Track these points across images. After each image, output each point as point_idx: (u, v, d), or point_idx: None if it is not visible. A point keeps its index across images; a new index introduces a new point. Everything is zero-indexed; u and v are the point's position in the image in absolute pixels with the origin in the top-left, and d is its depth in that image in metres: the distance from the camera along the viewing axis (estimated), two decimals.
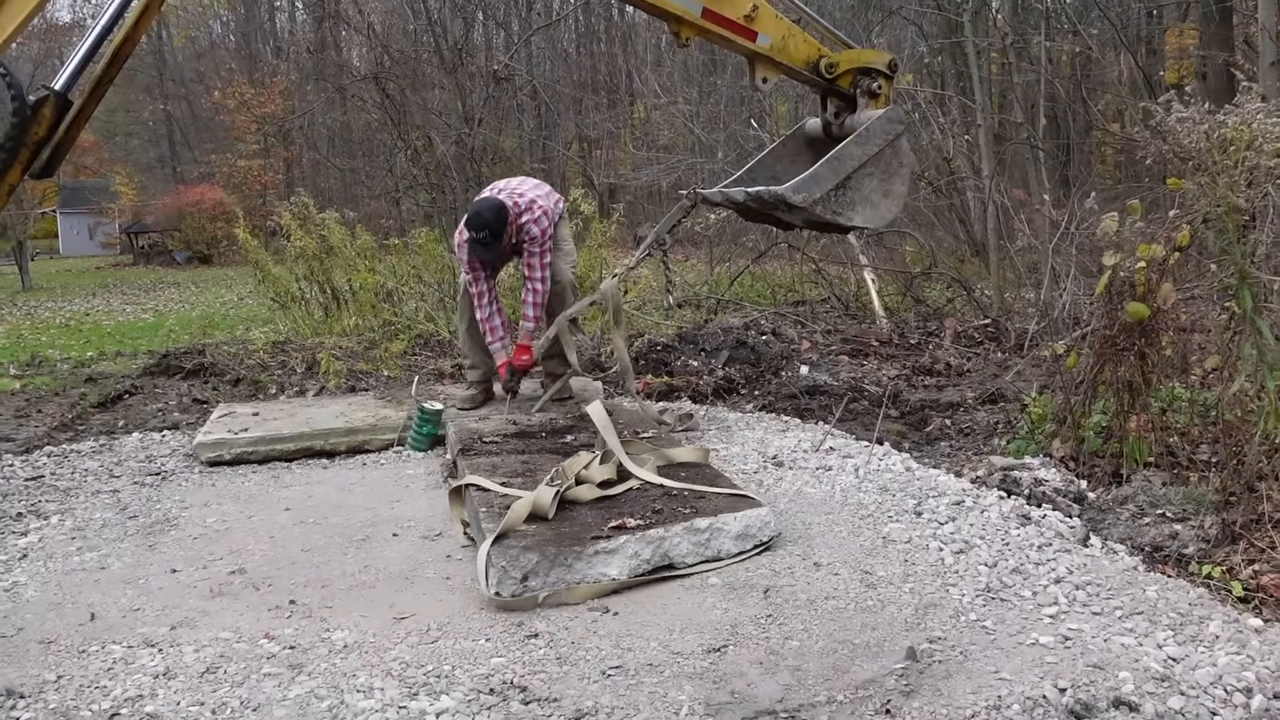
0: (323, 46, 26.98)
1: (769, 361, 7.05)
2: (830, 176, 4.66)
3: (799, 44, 4.98)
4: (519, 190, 5.59)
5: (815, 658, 2.80)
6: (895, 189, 4.86)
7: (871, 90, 5.05)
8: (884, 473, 4.51)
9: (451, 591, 3.42)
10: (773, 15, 4.92)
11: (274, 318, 11.23)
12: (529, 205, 5.49)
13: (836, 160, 4.69)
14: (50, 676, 2.85)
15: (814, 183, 4.63)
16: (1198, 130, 3.70)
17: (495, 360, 5.69)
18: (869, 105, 5.05)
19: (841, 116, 5.16)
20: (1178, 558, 3.45)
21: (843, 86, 5.08)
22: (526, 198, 5.53)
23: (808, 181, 4.63)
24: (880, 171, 4.78)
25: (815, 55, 5.01)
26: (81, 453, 5.60)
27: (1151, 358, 4.29)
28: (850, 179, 4.70)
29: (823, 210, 4.67)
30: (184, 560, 3.80)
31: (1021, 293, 9.28)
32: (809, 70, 5.01)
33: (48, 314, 17.39)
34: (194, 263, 34.87)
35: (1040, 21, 13.28)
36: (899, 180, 4.87)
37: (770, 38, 4.90)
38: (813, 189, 4.62)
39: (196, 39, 46.48)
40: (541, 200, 5.56)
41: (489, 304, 5.62)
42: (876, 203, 4.80)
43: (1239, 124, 3.69)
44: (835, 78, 5.04)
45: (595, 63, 30.90)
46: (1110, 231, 4.27)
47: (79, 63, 4.48)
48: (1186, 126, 3.74)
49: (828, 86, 5.09)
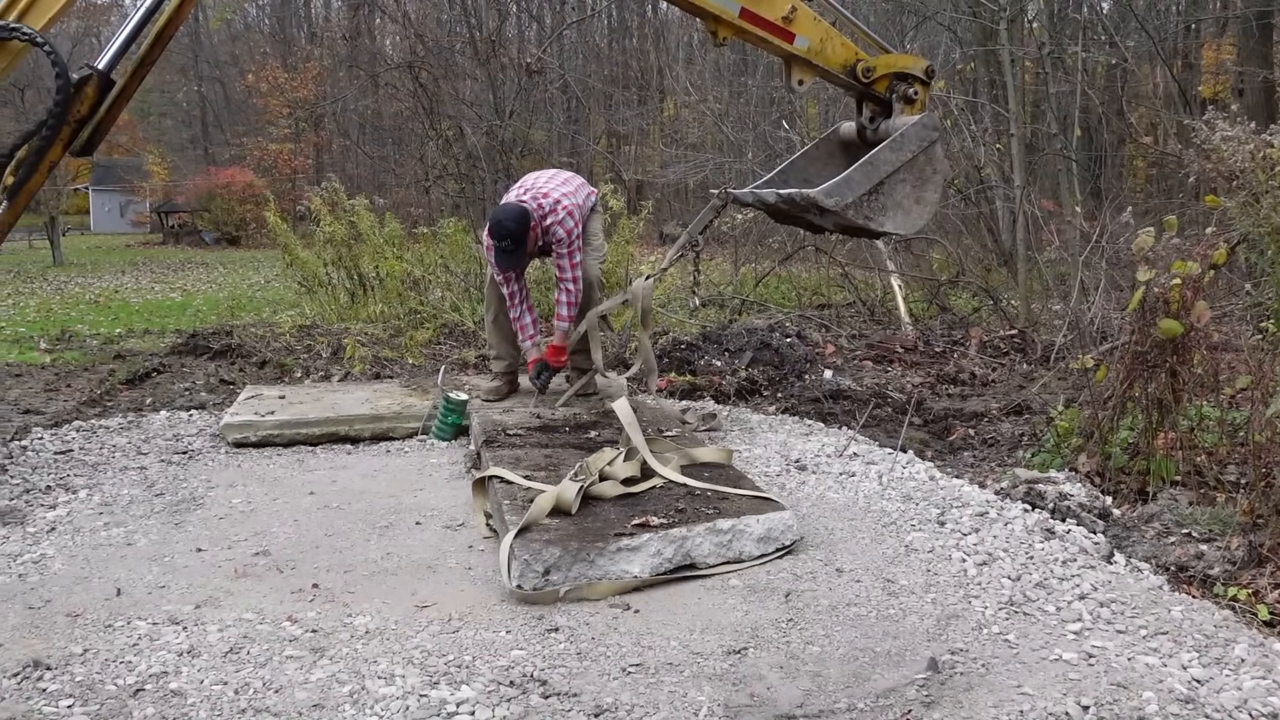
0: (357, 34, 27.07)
1: (792, 364, 7.04)
2: (863, 181, 4.65)
3: (836, 47, 4.97)
4: (544, 190, 5.47)
5: (836, 664, 2.80)
6: (928, 196, 4.84)
7: (907, 96, 5.04)
8: (907, 481, 4.50)
9: (473, 582, 3.43)
10: (811, 17, 4.90)
11: (301, 301, 11.30)
12: (553, 207, 5.38)
13: (870, 165, 4.68)
14: (77, 650, 2.88)
15: (847, 187, 4.62)
16: (1243, 150, 3.67)
17: (526, 357, 5.69)
18: (904, 111, 5.04)
19: (876, 121, 5.14)
20: (1203, 578, 3.43)
21: (879, 91, 5.07)
22: (551, 198, 5.41)
23: (840, 185, 4.62)
24: (914, 178, 4.76)
25: (852, 59, 4.99)
26: (110, 429, 5.65)
27: (1182, 375, 4.26)
28: (883, 184, 4.68)
29: (854, 215, 4.66)
30: (209, 540, 3.84)
31: (1049, 304, 9.23)
32: (845, 74, 5.00)
33: (78, 289, 17.55)
34: (222, 244, 35.13)
35: (1077, 32, 13.22)
36: (932, 187, 4.85)
37: (808, 40, 4.89)
38: (845, 193, 4.61)
39: (232, 22, 46.70)
40: (568, 199, 5.45)
41: (520, 303, 5.60)
42: (909, 209, 4.79)
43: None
44: (871, 82, 5.02)
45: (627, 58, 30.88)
46: (1145, 246, 4.25)
47: (123, 43, 4.52)
48: (1231, 146, 3.71)
49: (864, 90, 5.07)
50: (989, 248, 11.69)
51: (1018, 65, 11.44)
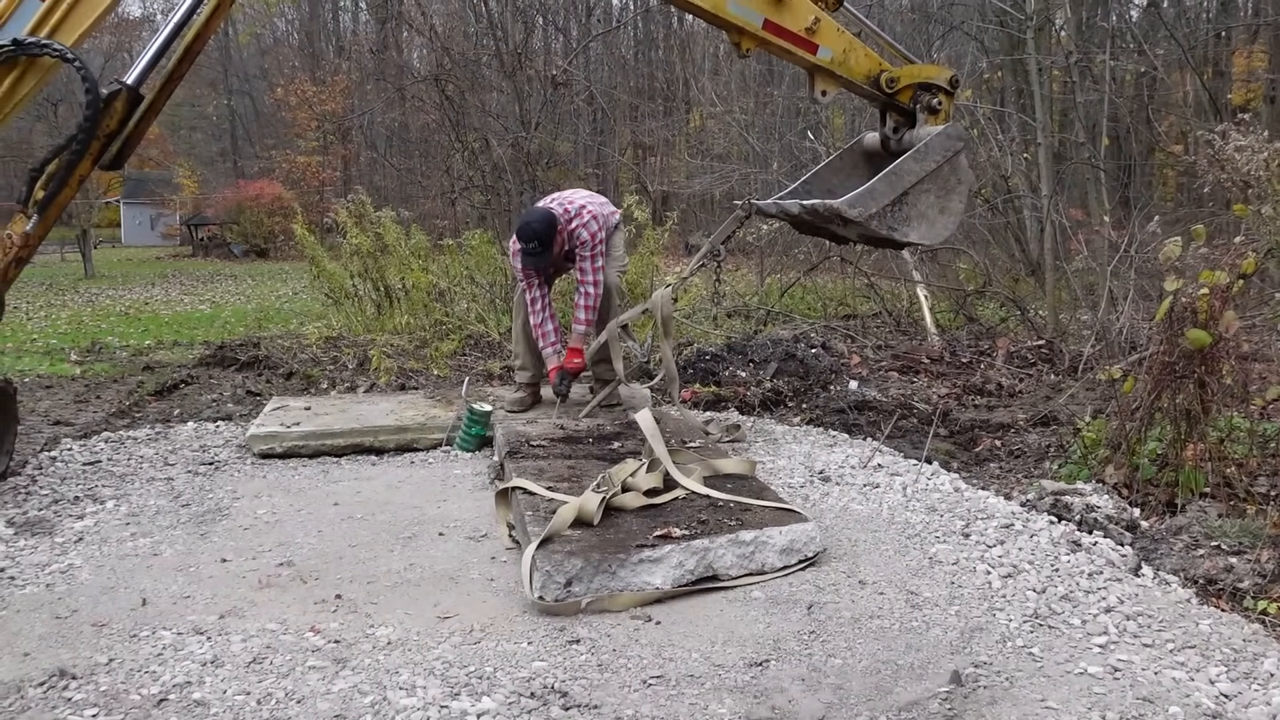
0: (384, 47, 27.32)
1: (818, 375, 7.02)
2: (887, 192, 4.63)
3: (860, 58, 4.95)
4: (570, 199, 5.69)
5: (858, 677, 2.78)
6: (952, 206, 4.81)
7: (931, 106, 5.01)
8: (932, 492, 4.47)
9: (495, 593, 3.43)
10: (834, 28, 4.89)
11: (327, 313, 11.37)
12: (579, 211, 5.56)
13: (894, 175, 4.66)
14: (102, 659, 2.91)
15: (870, 197, 4.60)
16: (1257, 159, 3.63)
17: (547, 364, 5.73)
18: (928, 121, 5.01)
19: (900, 131, 5.12)
20: (1232, 592, 3.38)
21: (902, 101, 5.05)
22: (576, 204, 5.61)
23: (864, 196, 4.60)
24: (938, 188, 4.73)
25: (876, 69, 4.98)
26: (138, 440, 5.71)
27: (1211, 386, 4.21)
28: (907, 195, 4.66)
29: (878, 225, 4.63)
30: (234, 550, 3.87)
31: (1077, 314, 9.15)
32: (869, 84, 4.99)
33: (108, 302, 17.75)
34: (251, 256, 35.48)
35: (1105, 40, 13.11)
36: (956, 197, 4.82)
37: (831, 51, 4.88)
38: (869, 204, 4.59)
39: (261, 36, 47.31)
40: (593, 207, 5.63)
41: (543, 309, 5.67)
42: (933, 219, 4.76)
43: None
44: (895, 92, 5.01)
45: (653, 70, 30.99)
46: (1172, 256, 4.20)
47: (151, 58, 4.58)
48: (1245, 155, 3.68)
49: (887, 101, 5.06)
50: (1016, 257, 11.62)
51: (1045, 74, 11.38)
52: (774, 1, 4.73)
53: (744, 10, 4.71)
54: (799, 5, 4.79)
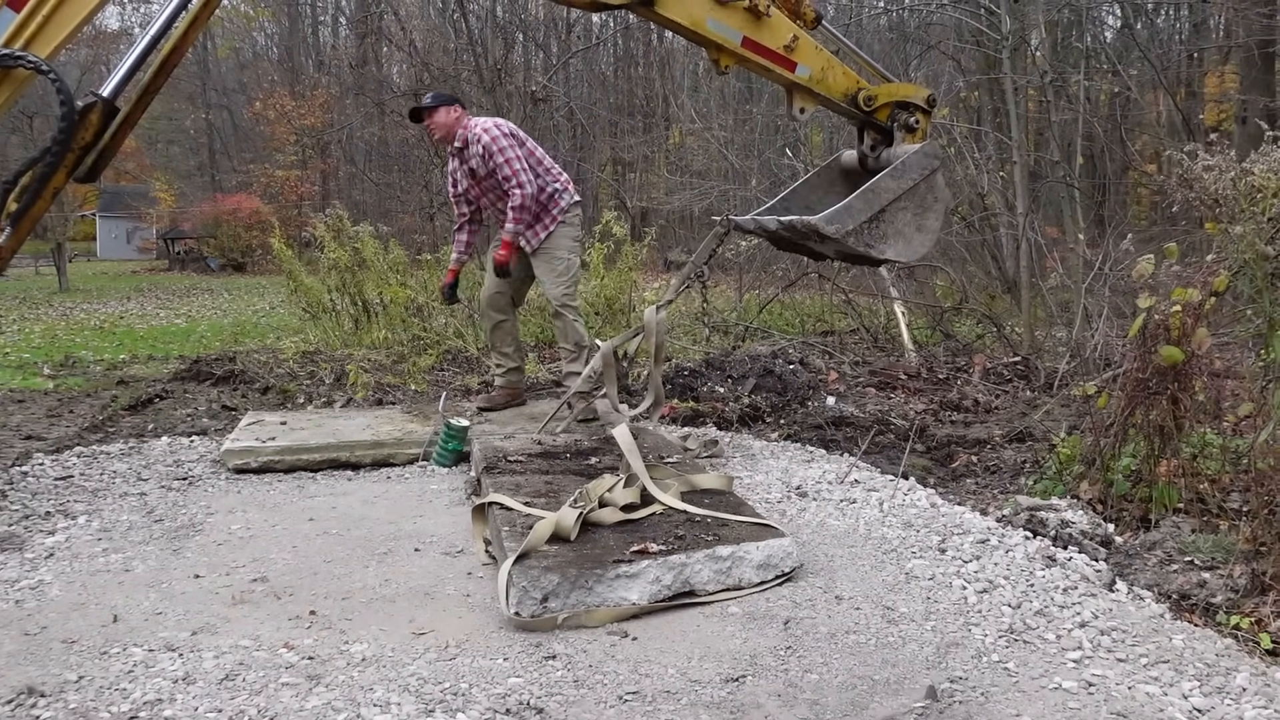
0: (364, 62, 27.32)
1: (795, 391, 7.03)
2: (864, 209, 4.66)
3: (838, 76, 4.99)
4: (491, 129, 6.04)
5: (834, 692, 2.78)
6: (929, 224, 4.84)
7: (909, 125, 5.05)
8: (909, 508, 4.48)
9: (471, 609, 3.42)
10: (813, 46, 4.93)
11: (304, 328, 11.32)
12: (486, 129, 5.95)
13: (871, 193, 4.68)
14: (71, 676, 2.87)
15: (847, 214, 4.63)
16: (1224, 178, 3.68)
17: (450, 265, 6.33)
18: (905, 139, 5.05)
19: (878, 150, 5.16)
20: (1205, 607, 3.40)
21: (880, 120, 5.08)
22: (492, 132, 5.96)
23: (841, 213, 4.63)
24: (914, 205, 4.76)
25: (854, 87, 5.02)
26: (111, 454, 5.65)
27: (1184, 402, 4.24)
28: (884, 212, 4.69)
29: (855, 242, 4.66)
30: (207, 566, 3.83)
31: (1052, 331, 9.22)
32: (847, 102, 5.02)
33: (83, 315, 17.61)
34: (228, 270, 35.32)
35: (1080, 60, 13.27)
36: (933, 215, 4.85)
37: (810, 69, 4.92)
38: (846, 220, 4.62)
39: (240, 50, 47.17)
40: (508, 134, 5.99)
41: (459, 221, 6.30)
42: (909, 237, 4.79)
43: (1265, 171, 3.67)
44: (873, 110, 5.04)
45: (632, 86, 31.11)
46: (1146, 274, 4.24)
47: (127, 70, 4.56)
48: (1213, 175, 3.72)
49: (865, 119, 5.09)
50: (993, 275, 11.70)
51: (1021, 94, 11.50)
52: (753, 19, 4.76)
53: (723, 28, 4.74)
54: (778, 23, 4.83)
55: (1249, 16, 13.42)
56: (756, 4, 4.73)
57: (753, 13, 4.75)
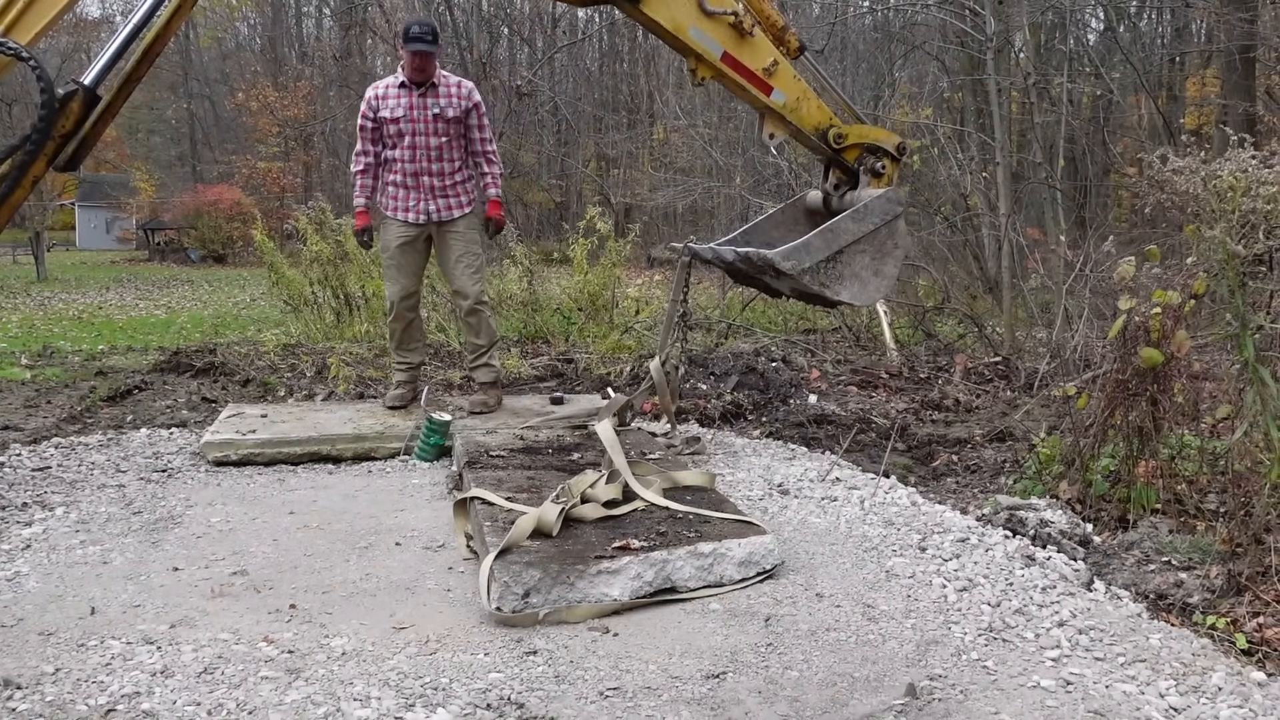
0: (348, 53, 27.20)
1: (778, 389, 7.05)
2: (822, 248, 4.64)
3: (811, 109, 4.99)
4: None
5: (814, 689, 2.79)
6: (886, 269, 4.83)
7: (875, 169, 5.05)
8: (889, 506, 4.50)
9: (452, 604, 3.41)
10: (791, 74, 4.93)
11: (286, 320, 11.27)
12: (474, 89, 5.99)
13: (830, 233, 4.67)
14: (48, 669, 2.85)
15: (805, 252, 4.61)
16: (1194, 179, 3.71)
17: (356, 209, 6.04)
18: (871, 184, 5.04)
19: (842, 189, 5.15)
20: (1182, 607, 3.43)
21: (847, 160, 5.08)
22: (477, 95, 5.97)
23: (799, 250, 4.61)
24: (874, 250, 4.74)
25: (826, 123, 5.01)
26: (89, 446, 5.61)
27: (1163, 404, 4.27)
28: (842, 253, 4.67)
29: (810, 281, 4.63)
30: (186, 559, 3.81)
31: (1033, 332, 9.28)
32: (817, 137, 5.02)
33: (61, 306, 17.48)
34: (208, 262, 35.12)
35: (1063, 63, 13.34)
36: (891, 261, 4.84)
37: (785, 96, 4.92)
38: (803, 258, 4.60)
39: (223, 40, 46.85)
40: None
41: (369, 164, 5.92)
42: (866, 280, 4.76)
43: (1235, 171, 3.69)
44: (841, 149, 5.04)
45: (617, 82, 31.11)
46: (1126, 276, 4.27)
47: (109, 59, 4.52)
48: (1184, 176, 3.75)
49: (833, 157, 5.09)
50: (975, 275, 11.77)
51: (1004, 95, 11.56)
52: (736, 36, 4.76)
53: (705, 38, 4.74)
54: (760, 45, 4.84)
55: (1230, 21, 13.53)
56: (741, 22, 4.74)
57: (737, 30, 4.75)
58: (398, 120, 5.74)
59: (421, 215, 5.85)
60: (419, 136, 5.77)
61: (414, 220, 5.86)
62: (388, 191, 5.88)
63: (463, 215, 5.94)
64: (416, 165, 5.80)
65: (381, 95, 5.78)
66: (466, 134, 5.93)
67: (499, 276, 11.34)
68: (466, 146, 5.95)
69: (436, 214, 5.86)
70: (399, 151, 5.79)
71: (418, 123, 5.75)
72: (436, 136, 5.78)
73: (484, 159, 6.00)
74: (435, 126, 5.77)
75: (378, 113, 5.77)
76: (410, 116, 5.74)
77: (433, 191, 5.83)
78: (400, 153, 5.79)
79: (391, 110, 5.74)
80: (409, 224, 5.87)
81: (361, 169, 5.91)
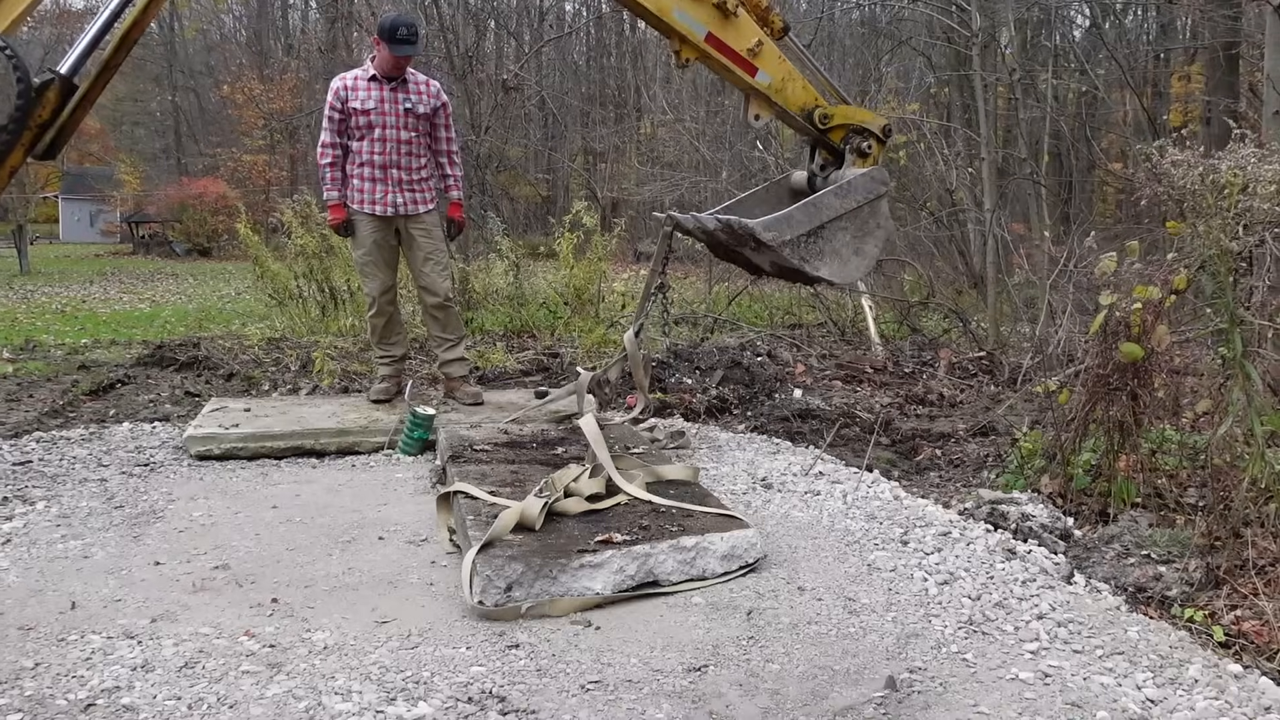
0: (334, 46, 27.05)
1: (763, 383, 7.06)
2: (804, 221, 4.63)
3: (797, 89, 4.99)
4: None
5: (795, 682, 2.80)
6: (867, 249, 4.82)
7: (861, 149, 5.05)
8: (872, 500, 4.52)
9: (434, 598, 3.41)
10: (776, 55, 4.93)
11: (271, 314, 11.22)
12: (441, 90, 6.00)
13: (813, 207, 4.67)
14: (28, 663, 2.84)
15: (786, 224, 4.60)
16: (1192, 174, 3.72)
17: (329, 202, 5.96)
18: (856, 164, 5.04)
19: (827, 170, 5.16)
20: (1160, 600, 3.46)
21: (833, 140, 5.08)
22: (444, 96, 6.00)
23: (780, 221, 4.60)
24: (855, 228, 4.74)
25: (811, 103, 5.02)
26: (71, 440, 5.59)
27: (1143, 399, 4.30)
28: (824, 229, 4.66)
29: (790, 254, 4.62)
30: (168, 553, 3.80)
31: (1017, 327, 9.31)
32: (803, 117, 5.02)
33: (44, 299, 17.37)
34: (193, 255, 34.96)
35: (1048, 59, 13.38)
36: (873, 241, 4.83)
37: (770, 77, 4.91)
38: (784, 230, 4.59)
39: (208, 32, 46.55)
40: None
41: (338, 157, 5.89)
42: (846, 259, 4.75)
43: (1233, 167, 3.71)
44: (827, 129, 5.05)
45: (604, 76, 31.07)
46: (1108, 271, 4.29)
47: (86, 47, 4.52)
48: (1181, 170, 3.77)
49: (819, 137, 5.10)
50: (960, 270, 11.80)
51: (990, 90, 11.58)
52: (721, 16, 4.76)
53: (689, 19, 4.73)
54: (744, 26, 4.83)
55: (1215, 18, 13.58)
56: (725, 2, 4.73)
57: (721, 10, 4.75)
58: (368, 112, 5.75)
59: (389, 208, 5.87)
60: (390, 130, 5.79)
61: (381, 213, 5.89)
62: (353, 184, 5.87)
63: (428, 210, 6.00)
64: (386, 158, 5.81)
65: (351, 86, 5.78)
66: (432, 132, 5.98)
67: (484, 271, 11.33)
68: (430, 145, 6.01)
69: (404, 207, 5.90)
70: (367, 144, 5.80)
71: (388, 116, 5.78)
72: (407, 131, 5.83)
73: (448, 159, 6.07)
74: (406, 121, 5.82)
75: (346, 103, 5.77)
76: (381, 110, 5.76)
77: (400, 185, 5.86)
78: (369, 145, 5.80)
79: (362, 102, 5.74)
80: (377, 217, 5.90)
81: (330, 161, 5.89)
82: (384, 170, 5.81)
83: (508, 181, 20.09)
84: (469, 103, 15.24)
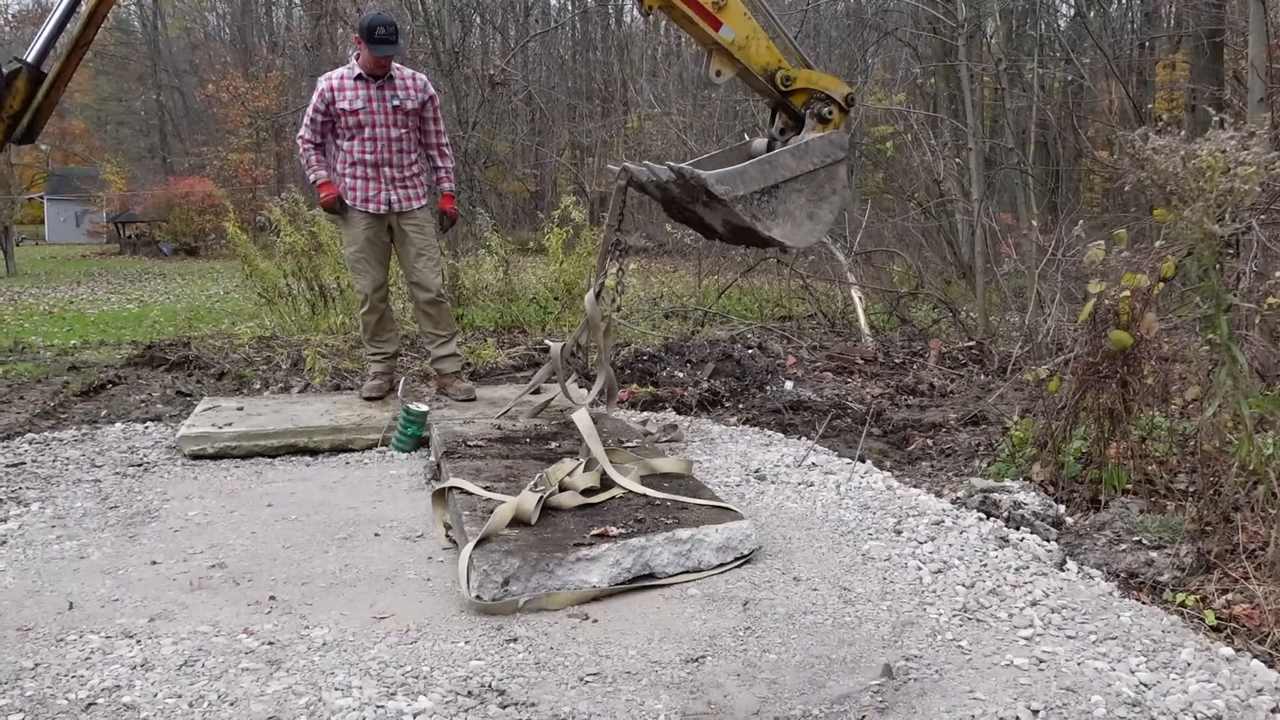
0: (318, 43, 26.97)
1: (754, 375, 7.08)
2: (758, 178, 4.57)
3: (761, 48, 4.90)
4: None
5: (792, 671, 2.82)
6: (821, 214, 4.75)
7: (822, 115, 4.96)
8: (865, 490, 4.54)
9: (432, 593, 3.42)
10: (742, 12, 4.84)
11: (260, 313, 11.20)
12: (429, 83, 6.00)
13: (768, 164, 4.61)
14: (27, 664, 2.85)
15: (740, 179, 4.53)
16: (1174, 158, 3.75)
17: (319, 182, 5.94)
18: (816, 129, 4.96)
19: (787, 134, 5.07)
20: (1152, 585, 3.49)
21: (795, 104, 5.02)
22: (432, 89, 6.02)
23: (734, 175, 4.53)
24: (810, 191, 4.68)
25: (774, 65, 4.93)
26: (63, 441, 5.58)
27: (1133, 386, 4.33)
28: (778, 189, 4.59)
29: (743, 210, 4.55)
30: (164, 552, 3.80)
31: (1006, 316, 9.36)
32: (765, 78, 4.93)
33: (31, 300, 17.29)
34: (180, 254, 34.82)
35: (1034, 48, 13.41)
36: (827, 206, 4.76)
37: (734, 33, 4.83)
38: (737, 185, 4.51)
39: (192, 30, 46.35)
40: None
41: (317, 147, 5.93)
42: (799, 221, 4.68)
43: (1214, 151, 3.74)
44: (789, 92, 4.98)
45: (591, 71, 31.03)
46: (1096, 259, 4.32)
47: (50, 32, 4.58)
48: (1164, 155, 3.79)
49: (780, 99, 5.02)
50: (948, 260, 11.83)
51: (976, 80, 11.60)
52: None
53: None
54: None
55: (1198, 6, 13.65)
56: None
57: None
58: (357, 112, 5.75)
59: (383, 205, 5.88)
60: (379, 128, 5.80)
61: (374, 211, 5.89)
62: (345, 183, 5.87)
63: (420, 206, 6.01)
64: (377, 156, 5.82)
65: (338, 87, 5.77)
66: (421, 126, 5.98)
67: (474, 267, 11.32)
68: (420, 139, 6.02)
69: (398, 204, 5.91)
70: (358, 143, 5.80)
71: (377, 114, 5.78)
72: (396, 128, 5.84)
73: (438, 152, 6.08)
74: (395, 118, 5.82)
75: (333, 104, 5.76)
76: (370, 109, 5.76)
77: (393, 182, 5.87)
78: (360, 144, 5.80)
79: (350, 102, 5.74)
80: (371, 214, 5.89)
81: (312, 148, 5.93)
82: (376, 169, 5.82)
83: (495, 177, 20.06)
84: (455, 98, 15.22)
